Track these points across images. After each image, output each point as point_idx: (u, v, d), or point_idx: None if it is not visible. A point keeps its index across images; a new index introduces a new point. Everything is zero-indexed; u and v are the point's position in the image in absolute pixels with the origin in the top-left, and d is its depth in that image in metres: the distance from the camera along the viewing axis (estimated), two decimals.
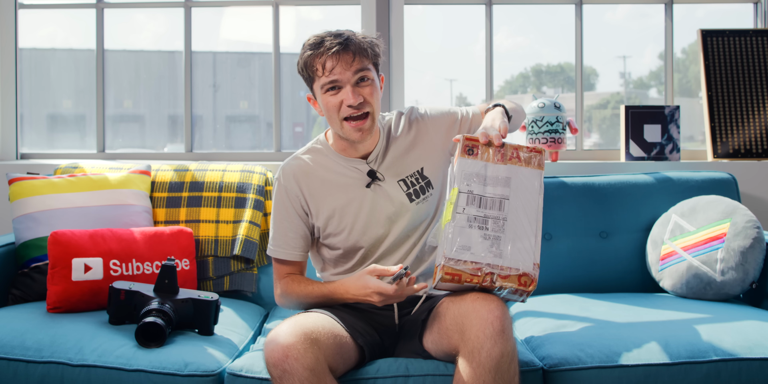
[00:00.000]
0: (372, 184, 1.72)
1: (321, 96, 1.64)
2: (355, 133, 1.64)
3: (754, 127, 2.67)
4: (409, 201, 1.72)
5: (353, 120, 1.63)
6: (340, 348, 1.50)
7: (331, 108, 1.63)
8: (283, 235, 1.74)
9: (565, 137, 2.60)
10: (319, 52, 1.60)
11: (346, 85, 1.61)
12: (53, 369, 1.57)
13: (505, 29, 3.39)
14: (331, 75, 1.60)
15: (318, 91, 1.65)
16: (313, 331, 1.44)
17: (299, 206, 1.73)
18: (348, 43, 1.60)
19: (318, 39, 1.62)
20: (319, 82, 1.62)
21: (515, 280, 1.45)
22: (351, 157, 1.73)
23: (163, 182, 2.25)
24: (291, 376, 1.36)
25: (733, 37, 2.73)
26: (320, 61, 1.60)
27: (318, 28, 1.71)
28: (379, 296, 1.53)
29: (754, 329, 1.67)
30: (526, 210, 1.49)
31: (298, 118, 4.32)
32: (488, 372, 1.36)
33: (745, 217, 2.01)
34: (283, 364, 1.37)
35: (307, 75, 1.66)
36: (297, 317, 1.51)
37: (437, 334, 1.52)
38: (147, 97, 4.03)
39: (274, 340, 1.41)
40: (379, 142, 1.74)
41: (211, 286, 2.17)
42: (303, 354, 1.37)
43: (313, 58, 1.61)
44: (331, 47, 1.59)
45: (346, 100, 1.60)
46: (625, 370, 1.54)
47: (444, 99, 6.44)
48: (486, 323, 1.38)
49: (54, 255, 1.85)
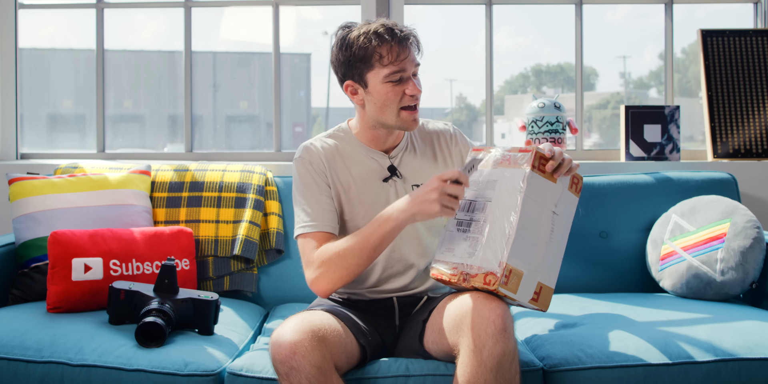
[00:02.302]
0: (389, 180, 1.71)
1: (380, 85, 1.62)
2: (412, 122, 1.66)
3: (754, 127, 2.67)
4: None
5: (411, 109, 1.65)
6: (344, 347, 1.50)
7: (392, 97, 1.62)
8: (320, 209, 1.66)
9: (565, 137, 2.60)
10: (389, 41, 1.59)
11: (409, 76, 1.63)
12: (53, 369, 1.57)
13: (505, 29, 3.40)
14: (400, 64, 1.60)
15: (375, 79, 1.62)
16: (320, 329, 1.43)
17: (325, 179, 1.70)
18: (414, 37, 1.64)
19: (385, 27, 1.61)
20: (382, 70, 1.60)
21: (481, 280, 1.44)
22: (372, 149, 1.73)
23: (163, 182, 2.26)
24: (298, 373, 1.36)
25: (733, 37, 2.73)
26: (391, 50, 1.59)
27: (318, 27, 1.72)
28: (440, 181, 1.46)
29: (754, 329, 1.67)
30: (503, 210, 1.46)
31: (298, 118, 4.33)
32: (489, 371, 1.36)
33: (745, 217, 2.01)
34: (291, 361, 1.37)
35: (360, 62, 1.62)
36: (302, 314, 1.51)
37: (438, 334, 1.52)
38: (147, 97, 4.04)
39: (281, 336, 1.40)
40: (403, 139, 1.76)
41: (211, 286, 2.17)
42: (310, 351, 1.37)
43: (381, 45, 1.59)
44: (404, 38, 1.61)
45: (410, 90, 1.62)
46: (625, 370, 1.54)
47: (444, 99, 6.45)
48: (488, 322, 1.38)
49: (54, 255, 1.85)
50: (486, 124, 2.86)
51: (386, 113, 1.64)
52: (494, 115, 2.91)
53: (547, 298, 1.48)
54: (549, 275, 1.48)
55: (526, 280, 1.44)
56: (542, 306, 1.48)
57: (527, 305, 1.47)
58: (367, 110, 1.67)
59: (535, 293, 1.46)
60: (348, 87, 1.67)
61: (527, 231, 1.44)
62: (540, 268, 1.46)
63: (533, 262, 1.45)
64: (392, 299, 1.73)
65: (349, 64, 1.63)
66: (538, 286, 1.46)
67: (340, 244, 1.56)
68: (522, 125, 2.64)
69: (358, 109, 1.71)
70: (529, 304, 1.47)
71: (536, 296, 1.46)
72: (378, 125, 1.69)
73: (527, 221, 1.44)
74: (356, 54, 1.61)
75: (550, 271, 1.48)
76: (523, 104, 2.78)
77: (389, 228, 1.52)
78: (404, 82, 1.62)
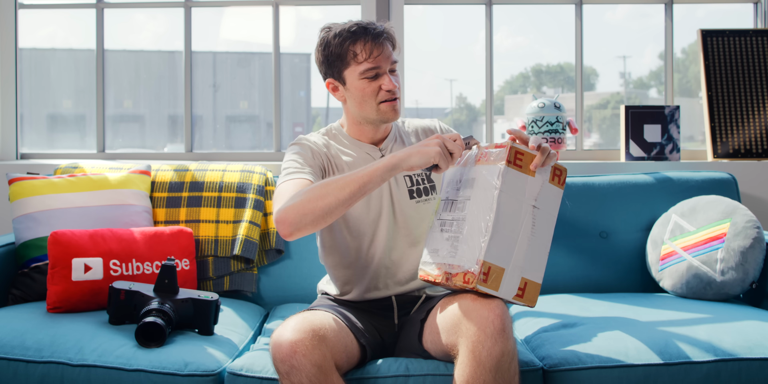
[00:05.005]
0: None
1: (357, 82, 1.66)
2: (392, 113, 1.69)
3: (754, 127, 2.67)
4: (410, 197, 1.72)
5: (389, 101, 1.68)
6: (344, 346, 1.50)
7: (369, 93, 1.66)
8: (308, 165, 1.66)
9: (565, 137, 2.60)
10: (362, 39, 1.63)
11: (384, 72, 1.66)
12: (53, 369, 1.57)
13: (505, 29, 3.40)
14: (374, 61, 1.64)
15: (352, 76, 1.66)
16: (321, 328, 1.43)
17: (321, 163, 1.71)
18: (387, 34, 1.67)
19: (358, 26, 1.64)
20: (358, 67, 1.64)
21: (461, 278, 1.43)
22: (363, 143, 1.77)
23: (163, 182, 2.26)
24: (298, 372, 1.36)
25: (733, 37, 2.73)
26: (364, 48, 1.63)
27: (318, 27, 1.71)
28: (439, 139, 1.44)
29: (754, 329, 1.67)
30: (481, 208, 1.45)
31: (298, 118, 4.33)
32: (488, 371, 1.36)
33: (745, 217, 2.01)
34: (291, 360, 1.36)
35: (338, 61, 1.66)
36: (303, 314, 1.51)
37: (436, 334, 1.52)
38: (147, 97, 4.03)
39: (281, 335, 1.40)
40: (391, 132, 1.80)
41: (211, 286, 2.17)
42: (311, 350, 1.37)
43: (355, 43, 1.64)
44: (377, 35, 1.64)
45: (386, 85, 1.66)
46: (625, 370, 1.54)
47: (444, 99, 6.46)
48: (486, 322, 1.38)
49: (54, 255, 1.85)
50: (486, 124, 2.86)
51: (366, 108, 1.69)
52: (494, 115, 2.91)
53: (533, 294, 1.46)
54: (534, 270, 1.46)
55: (508, 276, 1.42)
56: (528, 302, 1.46)
57: (513, 301, 1.45)
58: (349, 106, 1.73)
59: (520, 289, 1.44)
60: (329, 84, 1.73)
61: (506, 227, 1.43)
62: (523, 263, 1.43)
63: (515, 258, 1.43)
64: (391, 298, 1.73)
65: (328, 63, 1.69)
66: (523, 281, 1.44)
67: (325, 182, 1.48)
68: (522, 125, 2.64)
69: (343, 106, 1.77)
70: (514, 300, 1.45)
71: (521, 292, 1.44)
72: (362, 121, 1.73)
73: (505, 218, 1.42)
74: (333, 53, 1.66)
75: (535, 266, 1.46)
76: (523, 104, 2.78)
77: (381, 165, 1.46)
78: (380, 77, 1.66)
